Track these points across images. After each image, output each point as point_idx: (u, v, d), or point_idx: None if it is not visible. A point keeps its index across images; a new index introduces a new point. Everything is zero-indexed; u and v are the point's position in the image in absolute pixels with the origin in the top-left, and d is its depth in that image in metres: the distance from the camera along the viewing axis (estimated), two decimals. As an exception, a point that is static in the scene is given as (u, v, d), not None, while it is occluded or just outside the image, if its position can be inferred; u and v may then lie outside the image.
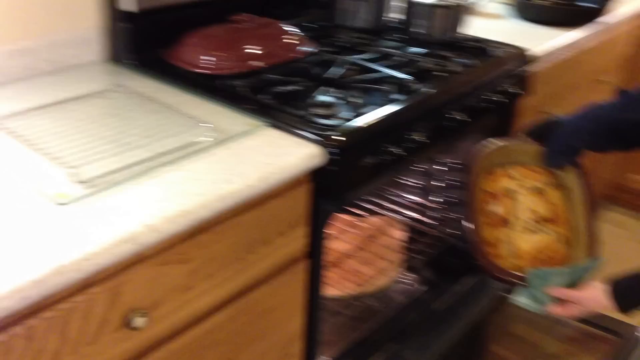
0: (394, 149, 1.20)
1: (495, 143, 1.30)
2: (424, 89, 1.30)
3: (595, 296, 1.15)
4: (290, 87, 1.27)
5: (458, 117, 1.35)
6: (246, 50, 1.33)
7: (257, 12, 1.46)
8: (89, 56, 1.40)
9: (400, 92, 1.28)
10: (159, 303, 0.93)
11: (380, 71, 1.34)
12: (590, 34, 1.80)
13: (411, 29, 1.53)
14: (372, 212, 1.88)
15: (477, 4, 1.81)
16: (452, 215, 1.78)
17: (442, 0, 1.52)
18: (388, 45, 1.52)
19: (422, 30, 1.52)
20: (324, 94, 1.23)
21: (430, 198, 1.83)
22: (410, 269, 1.69)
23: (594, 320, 1.51)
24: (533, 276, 1.18)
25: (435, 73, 1.38)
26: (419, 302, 1.64)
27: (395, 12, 1.63)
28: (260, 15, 1.44)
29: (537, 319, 1.60)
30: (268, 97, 1.22)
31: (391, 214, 1.88)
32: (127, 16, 1.35)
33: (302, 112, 1.17)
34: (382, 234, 1.78)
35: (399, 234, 1.77)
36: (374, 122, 1.18)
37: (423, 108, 1.28)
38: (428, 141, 1.26)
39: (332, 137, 1.10)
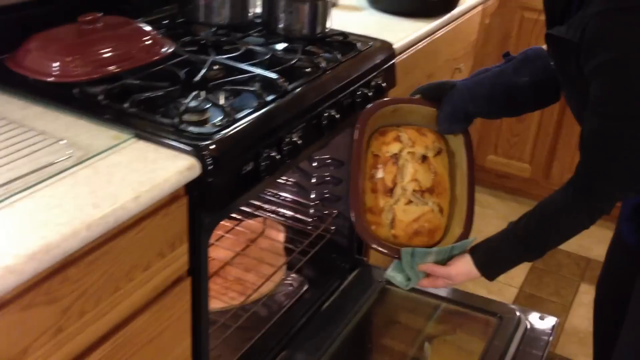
0: (271, 153, 1.15)
1: (387, 103, 1.29)
2: (296, 88, 1.27)
3: (462, 269, 1.18)
4: (155, 93, 1.17)
5: (332, 114, 1.33)
6: (100, 54, 1.21)
7: (107, 9, 1.34)
8: None
9: (271, 92, 1.23)
10: (26, 351, 0.81)
11: (248, 71, 1.28)
12: (443, 23, 1.86)
13: (277, 25, 1.48)
14: (249, 215, 1.82)
15: (338, -4, 1.80)
16: (329, 211, 1.77)
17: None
18: (254, 42, 1.46)
19: (287, 26, 1.47)
20: (193, 98, 1.15)
21: (308, 196, 1.80)
22: (294, 270, 1.65)
23: (476, 304, 1.57)
24: (406, 254, 1.18)
25: (305, 70, 1.35)
26: (305, 303, 1.61)
27: (259, 7, 1.57)
28: (110, 14, 1.32)
29: (420, 307, 1.63)
30: (132, 105, 1.12)
31: (270, 215, 1.83)
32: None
33: (171, 121, 1.08)
34: (262, 237, 1.73)
35: (279, 236, 1.73)
36: (248, 126, 1.12)
37: (297, 107, 1.24)
38: (302, 142, 1.22)
39: (206, 146, 1.03)
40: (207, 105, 1.15)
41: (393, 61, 1.57)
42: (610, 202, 1.09)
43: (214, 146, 1.04)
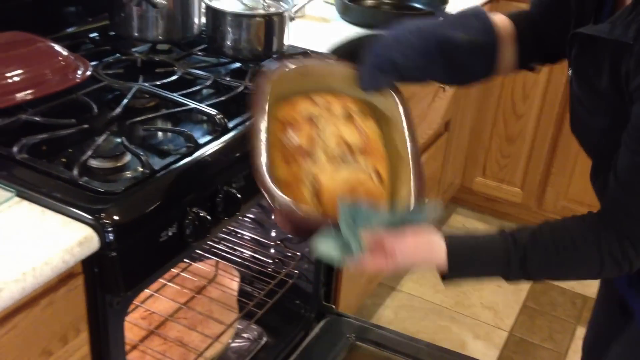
0: (201, 212, 0.91)
1: (293, 63, 0.98)
2: (240, 124, 1.03)
3: (425, 245, 0.87)
4: (56, 134, 0.94)
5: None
6: (-5, 82, 0.97)
7: (18, 23, 1.10)
8: None
9: (207, 131, 1.00)
10: None
11: (181, 103, 1.05)
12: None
13: (224, 42, 1.24)
14: (199, 256, 1.59)
15: (301, 8, 1.56)
16: (292, 252, 1.54)
17: (252, 6, 1.24)
18: (194, 64, 1.22)
19: (235, 44, 1.24)
20: (106, 141, 0.92)
21: (268, 235, 1.58)
22: (252, 320, 1.42)
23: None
24: (346, 213, 0.81)
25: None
26: (265, 358, 1.39)
27: (201, 21, 1.33)
28: (21, 28, 1.08)
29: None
30: (21, 150, 0.88)
31: (224, 254, 1.60)
32: None
33: (69, 174, 0.85)
34: (212, 284, 1.50)
35: (232, 284, 1.50)
36: (171, 179, 0.89)
37: (238, 151, 1.00)
38: (243, 194, 0.98)
39: (107, 211, 0.79)
40: (121, 151, 0.91)
41: (363, 85, 1.34)
42: None
43: (117, 211, 0.80)
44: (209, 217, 0.92)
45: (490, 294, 2.20)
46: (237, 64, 1.26)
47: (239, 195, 0.97)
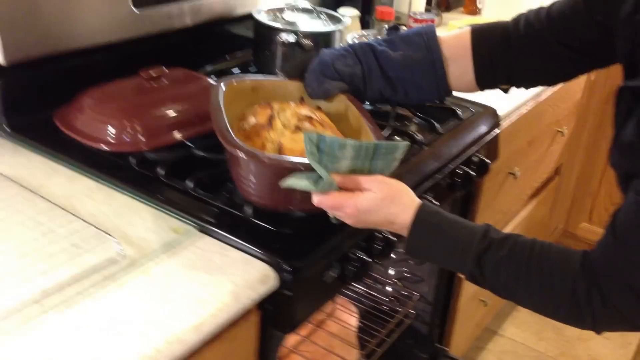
0: (360, 253, 0.93)
1: (245, 79, 1.02)
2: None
3: (400, 200, 0.81)
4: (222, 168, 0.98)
5: (429, 199, 1.10)
6: (164, 117, 1.03)
7: (168, 56, 1.17)
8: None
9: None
10: None
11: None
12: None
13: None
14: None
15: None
16: (409, 292, 1.54)
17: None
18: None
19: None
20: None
21: (385, 272, 1.58)
22: (369, 358, 1.42)
23: None
24: (311, 142, 0.76)
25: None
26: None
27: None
28: (171, 61, 1.15)
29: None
30: (196, 185, 0.93)
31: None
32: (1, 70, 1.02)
33: (245, 211, 0.88)
34: (332, 319, 1.51)
35: (351, 319, 1.51)
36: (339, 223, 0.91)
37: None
38: (396, 236, 1.00)
39: (286, 254, 0.82)
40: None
41: (497, 131, 1.34)
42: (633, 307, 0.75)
43: (294, 251, 0.83)
44: (369, 260, 0.93)
45: (597, 345, 2.12)
46: (371, 107, 1.28)
47: (394, 238, 0.99)
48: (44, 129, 1.04)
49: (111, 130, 0.99)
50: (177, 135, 1.03)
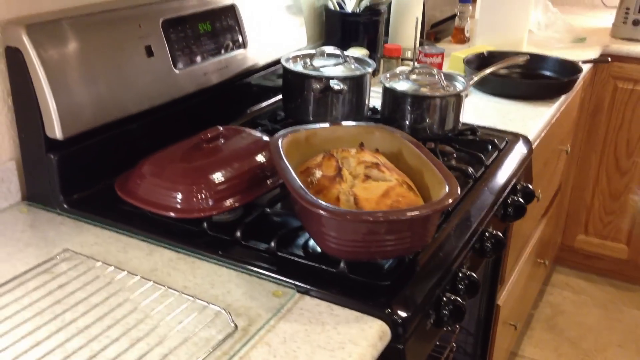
0: (450, 295, 0.93)
1: (299, 130, 1.03)
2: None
3: None
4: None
5: (494, 233, 1.11)
6: (229, 178, 1.00)
7: (202, 114, 1.15)
8: (5, 202, 1.01)
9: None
10: None
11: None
12: (561, 105, 1.67)
13: (402, 122, 1.28)
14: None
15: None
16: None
17: (419, 88, 1.28)
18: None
19: (413, 124, 1.27)
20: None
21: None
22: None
23: None
24: None
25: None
26: None
27: (374, 99, 1.38)
28: (205, 119, 1.13)
29: None
30: (280, 244, 0.91)
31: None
32: (56, 145, 0.98)
33: (339, 267, 0.87)
34: None
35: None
36: (424, 265, 0.91)
37: (463, 231, 1.03)
38: (477, 280, 0.99)
39: (396, 307, 0.81)
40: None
41: (530, 157, 1.37)
42: None
43: (401, 304, 0.82)
44: (459, 300, 0.93)
45: (614, 355, 2.16)
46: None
47: (474, 275, 0.98)
48: (103, 201, 1.00)
49: (179, 196, 0.96)
50: (244, 195, 1.00)
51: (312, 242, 0.94)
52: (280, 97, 1.45)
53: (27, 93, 0.95)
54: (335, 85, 1.25)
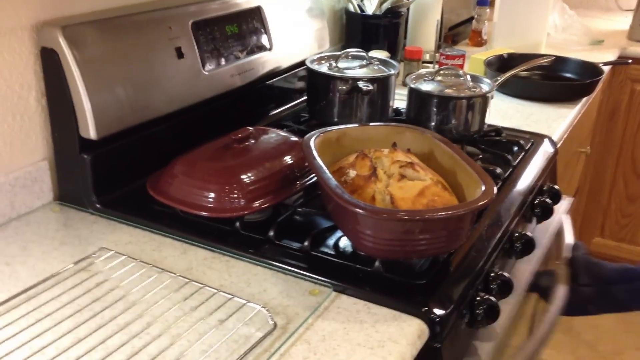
0: (484, 294, 0.93)
1: (329, 130, 1.03)
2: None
3: None
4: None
5: (523, 233, 1.10)
6: (261, 178, 1.01)
7: (229, 115, 1.16)
8: (38, 201, 1.01)
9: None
10: None
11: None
12: (582, 107, 1.67)
13: (428, 123, 1.28)
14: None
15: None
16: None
17: (445, 89, 1.28)
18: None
19: (439, 124, 1.28)
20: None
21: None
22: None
23: None
24: None
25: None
26: None
27: (399, 101, 1.39)
28: (232, 120, 1.13)
29: None
30: (314, 243, 0.91)
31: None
32: (89, 145, 0.99)
33: (374, 266, 0.87)
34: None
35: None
36: (458, 265, 0.91)
37: (495, 231, 1.03)
38: (511, 279, 0.99)
39: (433, 306, 0.81)
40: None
41: (555, 158, 1.37)
42: None
43: (438, 302, 0.82)
44: (493, 299, 0.93)
45: (631, 358, 2.16)
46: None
47: (507, 275, 0.98)
48: (135, 201, 1.01)
49: (211, 195, 0.97)
50: (276, 194, 1.01)
51: (342, 242, 0.95)
52: (302, 98, 1.46)
53: (62, 93, 0.96)
54: (364, 86, 1.25)
